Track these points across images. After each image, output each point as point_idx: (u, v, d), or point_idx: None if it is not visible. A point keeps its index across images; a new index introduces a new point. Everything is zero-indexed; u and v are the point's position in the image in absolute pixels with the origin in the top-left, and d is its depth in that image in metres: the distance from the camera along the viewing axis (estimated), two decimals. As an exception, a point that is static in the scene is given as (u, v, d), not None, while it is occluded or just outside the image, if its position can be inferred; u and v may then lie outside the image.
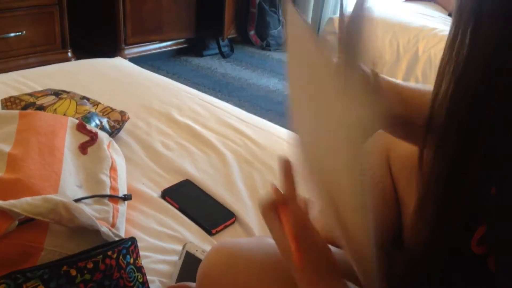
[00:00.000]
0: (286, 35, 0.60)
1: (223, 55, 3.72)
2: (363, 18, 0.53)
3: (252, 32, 4.00)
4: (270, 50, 3.98)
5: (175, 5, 3.45)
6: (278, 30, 4.06)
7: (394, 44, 2.85)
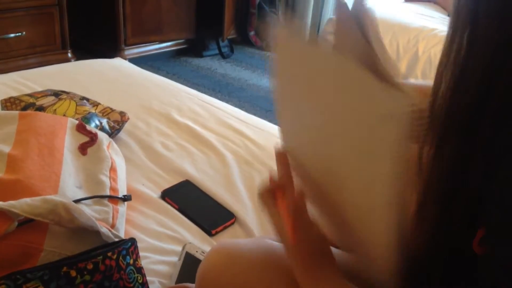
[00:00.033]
0: (276, 57, 0.59)
1: (223, 56, 3.72)
2: (364, 17, 0.53)
3: (252, 32, 4.00)
4: (270, 50, 3.97)
5: (175, 5, 3.45)
6: (278, 31, 4.06)
7: (394, 44, 2.85)
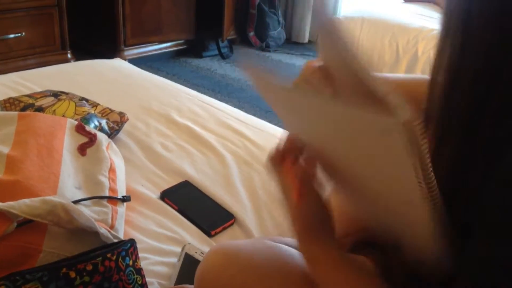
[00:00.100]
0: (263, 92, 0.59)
1: (223, 56, 3.72)
2: (331, 27, 0.53)
3: (251, 33, 4.00)
4: (269, 51, 3.98)
5: (175, 6, 3.45)
6: (278, 31, 4.06)
7: (393, 45, 2.85)
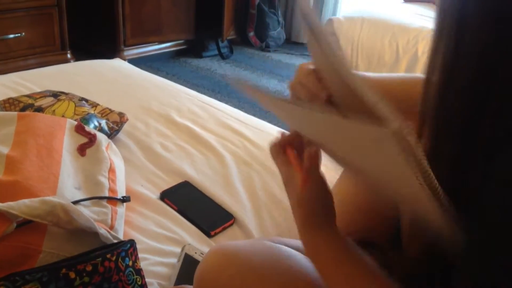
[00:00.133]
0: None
1: (223, 56, 3.72)
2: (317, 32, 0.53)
3: (251, 33, 4.00)
4: (269, 51, 3.98)
5: (174, 6, 3.45)
6: (278, 31, 4.06)
7: (393, 45, 2.85)
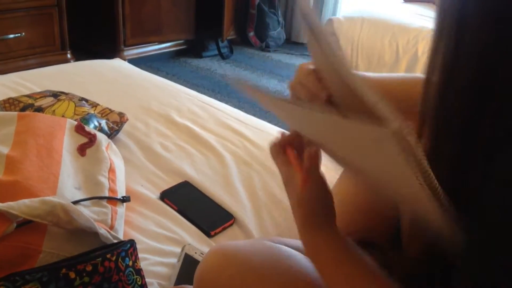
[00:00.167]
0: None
1: (223, 56, 3.72)
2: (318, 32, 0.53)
3: (251, 33, 4.00)
4: (269, 51, 3.98)
5: (174, 6, 3.45)
6: (278, 31, 4.06)
7: (393, 45, 2.85)
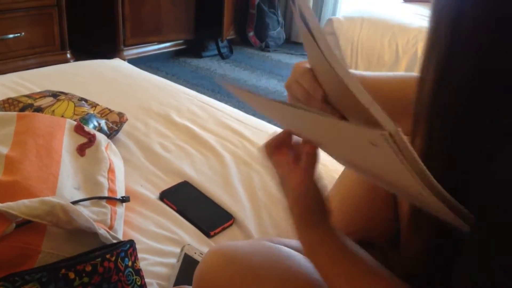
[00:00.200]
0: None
1: (222, 56, 3.72)
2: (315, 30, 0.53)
3: (251, 33, 4.00)
4: (269, 51, 3.98)
5: (174, 6, 3.45)
6: (277, 31, 4.06)
7: (393, 45, 2.85)
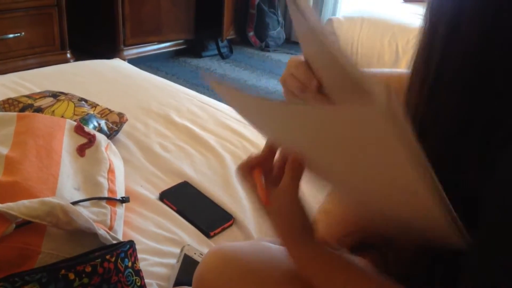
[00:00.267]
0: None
1: (222, 56, 3.72)
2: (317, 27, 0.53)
3: (251, 33, 4.00)
4: (269, 51, 3.98)
5: (174, 6, 3.45)
6: (277, 31, 4.06)
7: (393, 45, 2.85)
